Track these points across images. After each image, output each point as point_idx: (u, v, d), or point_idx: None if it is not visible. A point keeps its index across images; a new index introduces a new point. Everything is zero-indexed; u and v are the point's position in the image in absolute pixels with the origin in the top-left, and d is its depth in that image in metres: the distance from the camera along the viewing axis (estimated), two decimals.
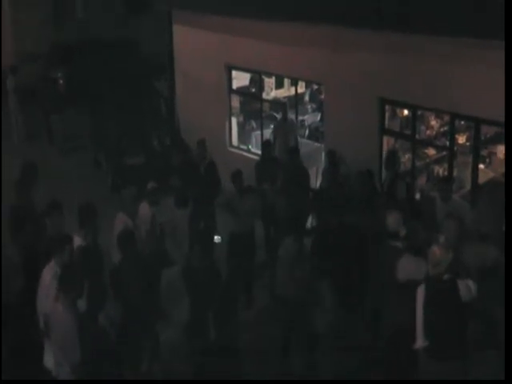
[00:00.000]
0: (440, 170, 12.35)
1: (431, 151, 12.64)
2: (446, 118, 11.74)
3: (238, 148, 15.33)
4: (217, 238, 10.03)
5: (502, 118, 9.64)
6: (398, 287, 7.62)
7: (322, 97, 14.19)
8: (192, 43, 15.66)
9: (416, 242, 7.85)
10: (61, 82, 19.41)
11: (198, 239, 8.42)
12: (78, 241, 8.01)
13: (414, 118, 11.65)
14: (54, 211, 8.59)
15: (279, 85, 16.32)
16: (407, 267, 7.69)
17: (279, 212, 10.98)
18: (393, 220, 8.36)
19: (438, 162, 12.48)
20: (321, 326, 8.84)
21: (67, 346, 6.48)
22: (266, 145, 12.69)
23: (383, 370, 8.15)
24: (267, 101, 15.59)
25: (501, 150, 11.79)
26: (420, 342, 7.20)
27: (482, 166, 11.32)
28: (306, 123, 15.94)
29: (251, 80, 15.93)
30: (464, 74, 10.19)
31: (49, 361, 6.90)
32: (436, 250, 7.09)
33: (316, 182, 13.18)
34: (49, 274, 7.32)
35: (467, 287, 7.04)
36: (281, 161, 12.32)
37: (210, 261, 8.26)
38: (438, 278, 7.08)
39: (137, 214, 9.50)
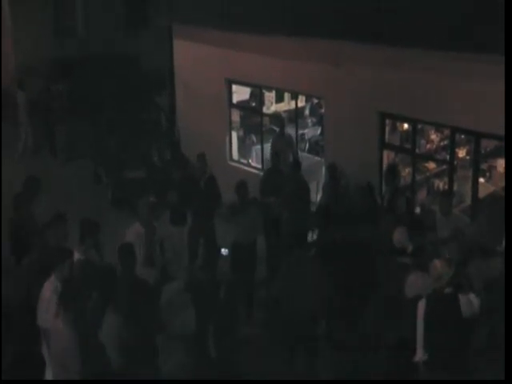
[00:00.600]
0: (440, 184, 12.35)
1: (431, 165, 12.64)
2: (446, 131, 11.75)
3: (238, 162, 15.35)
4: (224, 251, 10.04)
5: (501, 132, 9.70)
6: (406, 303, 7.62)
7: (322, 111, 14.22)
8: (192, 57, 15.72)
9: (423, 258, 7.86)
10: (62, 95, 19.48)
11: (201, 253, 8.44)
12: (77, 255, 7.97)
13: (414, 132, 11.67)
14: (57, 223, 8.55)
15: (279, 99, 16.34)
16: (415, 283, 7.72)
17: (283, 225, 10.99)
18: (400, 236, 8.37)
19: (438, 175, 12.48)
20: (324, 339, 8.81)
21: (67, 361, 6.45)
22: (274, 157, 12.72)
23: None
24: (267, 115, 15.62)
25: (501, 163, 11.79)
26: (420, 355, 7.22)
27: (482, 179, 11.33)
28: (306, 137, 15.96)
29: (251, 94, 15.98)
30: (464, 87, 10.22)
31: (50, 376, 6.86)
32: (437, 264, 7.14)
33: (316, 196, 13.17)
34: (49, 289, 7.28)
35: (469, 301, 7.07)
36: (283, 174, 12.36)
37: (213, 273, 8.31)
38: (440, 291, 7.10)
39: (150, 225, 9.49)
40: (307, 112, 16.76)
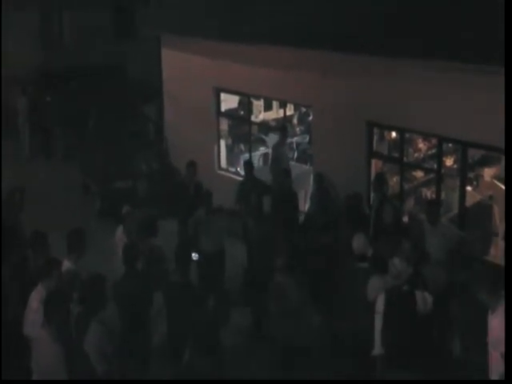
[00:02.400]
0: (428, 193, 12.38)
1: (419, 174, 12.67)
2: (434, 140, 11.79)
3: (226, 171, 15.34)
4: (194, 256, 10.06)
5: (488, 141, 9.76)
6: (368, 305, 7.87)
7: (311, 119, 14.25)
8: (180, 67, 15.73)
9: (382, 262, 8.09)
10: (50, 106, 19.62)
11: (175, 257, 8.52)
12: (67, 265, 7.93)
13: (401, 141, 11.70)
14: (37, 240, 8.45)
15: (268, 107, 16.37)
16: (375, 286, 7.94)
17: (259, 234, 11.01)
18: (358, 242, 8.53)
19: (425, 184, 12.51)
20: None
21: (53, 373, 6.39)
22: (247, 165, 12.74)
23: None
24: (256, 123, 15.63)
25: (488, 172, 11.86)
26: (378, 350, 7.49)
27: (469, 188, 11.37)
28: (295, 146, 15.99)
29: (240, 102, 15.99)
30: (451, 97, 10.27)
31: None
32: (396, 262, 7.50)
33: (304, 205, 13.17)
34: (36, 299, 7.23)
35: (424, 298, 7.37)
36: (263, 182, 12.45)
37: (186, 278, 8.42)
38: (398, 288, 7.43)
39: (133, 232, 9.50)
40: (295, 121, 16.78)
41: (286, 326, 8.20)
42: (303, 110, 16.38)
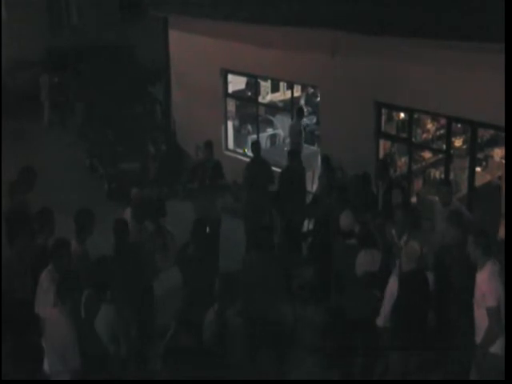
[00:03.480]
0: (436, 174, 12.32)
1: (427, 154, 12.61)
2: (443, 121, 11.73)
3: (233, 152, 15.34)
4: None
5: (498, 122, 9.69)
6: (357, 280, 8.08)
7: (318, 100, 14.20)
8: (188, 48, 15.68)
9: (368, 238, 8.24)
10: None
11: (192, 231, 8.53)
12: (75, 246, 7.96)
13: (410, 121, 11.65)
14: (44, 217, 8.44)
15: (275, 88, 16.35)
16: (363, 261, 8.10)
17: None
18: (346, 220, 8.57)
19: (434, 165, 12.45)
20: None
21: (65, 352, 6.44)
22: (255, 146, 12.70)
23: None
24: (263, 104, 15.60)
25: (497, 152, 11.80)
26: (383, 321, 7.63)
27: (478, 169, 11.32)
28: (302, 127, 15.93)
29: (247, 84, 15.96)
30: (460, 77, 10.20)
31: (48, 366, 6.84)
32: (416, 247, 7.43)
33: (312, 186, 13.17)
34: (47, 279, 7.28)
35: (431, 278, 7.55)
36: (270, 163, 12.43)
37: (202, 252, 8.40)
38: (415, 271, 7.42)
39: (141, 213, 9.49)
40: (303, 101, 16.74)
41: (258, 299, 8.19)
42: (311, 90, 16.32)
